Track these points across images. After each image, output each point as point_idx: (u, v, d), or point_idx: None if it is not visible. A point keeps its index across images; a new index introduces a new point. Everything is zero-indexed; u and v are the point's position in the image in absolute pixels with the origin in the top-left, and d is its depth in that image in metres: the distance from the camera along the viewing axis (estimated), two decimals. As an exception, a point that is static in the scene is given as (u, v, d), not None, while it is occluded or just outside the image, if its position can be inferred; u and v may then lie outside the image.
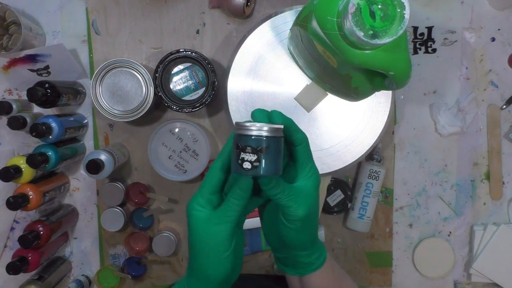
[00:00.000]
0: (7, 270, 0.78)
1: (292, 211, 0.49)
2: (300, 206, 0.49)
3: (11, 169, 0.78)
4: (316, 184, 0.51)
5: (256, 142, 0.44)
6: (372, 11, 0.54)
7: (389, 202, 0.94)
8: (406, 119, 0.92)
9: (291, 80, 0.80)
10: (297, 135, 0.50)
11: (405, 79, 0.63)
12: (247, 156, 0.44)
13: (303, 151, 0.51)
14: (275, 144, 0.45)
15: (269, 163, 0.45)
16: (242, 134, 0.45)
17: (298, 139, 0.50)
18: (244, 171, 0.45)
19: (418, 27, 0.91)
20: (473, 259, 0.93)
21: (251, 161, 0.44)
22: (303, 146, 0.50)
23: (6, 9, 0.82)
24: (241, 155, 0.45)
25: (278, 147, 0.46)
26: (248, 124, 0.45)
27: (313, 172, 0.51)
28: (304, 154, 0.51)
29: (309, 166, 0.51)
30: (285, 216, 0.50)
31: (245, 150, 0.45)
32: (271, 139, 0.45)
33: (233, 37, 0.90)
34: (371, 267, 0.95)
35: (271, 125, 0.45)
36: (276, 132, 0.46)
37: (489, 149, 0.93)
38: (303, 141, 0.50)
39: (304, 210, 0.49)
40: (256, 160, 0.44)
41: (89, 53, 0.91)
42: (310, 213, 0.50)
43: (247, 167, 0.45)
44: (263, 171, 0.45)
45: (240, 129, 0.45)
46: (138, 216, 0.91)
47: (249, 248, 0.92)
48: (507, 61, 0.92)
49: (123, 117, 0.82)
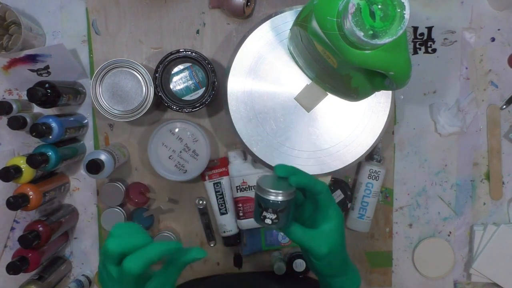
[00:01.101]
0: (7, 270, 0.78)
1: (316, 251, 0.57)
2: (323, 246, 0.57)
3: (11, 169, 0.78)
4: (338, 224, 0.58)
5: (276, 205, 0.55)
6: (372, 11, 0.54)
7: (389, 202, 0.94)
8: (406, 119, 0.92)
9: (291, 80, 0.80)
10: (317, 187, 0.56)
11: (405, 79, 0.63)
12: (269, 214, 0.55)
13: (324, 198, 0.57)
14: (290, 204, 0.55)
15: (285, 218, 0.56)
16: (264, 197, 0.55)
17: (318, 190, 0.57)
18: (266, 225, 0.56)
19: (418, 27, 0.91)
20: (473, 259, 0.93)
21: (272, 219, 0.55)
22: (323, 194, 0.57)
23: (6, 9, 0.82)
24: (263, 213, 0.55)
25: (292, 205, 0.56)
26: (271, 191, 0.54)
27: (336, 215, 0.58)
28: (325, 200, 0.57)
29: (331, 210, 0.58)
30: (311, 255, 0.58)
31: (267, 210, 0.55)
32: (287, 201, 0.55)
33: (233, 37, 0.90)
34: (371, 267, 0.95)
35: (288, 191, 0.55)
36: (291, 195, 0.55)
37: (489, 149, 0.93)
38: (323, 190, 0.57)
39: (326, 249, 0.57)
40: (275, 218, 0.55)
41: (89, 53, 0.91)
42: (333, 250, 0.57)
43: (268, 222, 0.55)
44: (281, 225, 0.56)
45: (263, 193, 0.55)
46: (138, 216, 0.91)
47: (249, 248, 0.92)
48: (507, 61, 0.92)
49: (123, 117, 0.82)
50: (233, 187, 0.88)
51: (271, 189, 0.55)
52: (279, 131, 0.80)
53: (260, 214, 0.56)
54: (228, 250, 0.94)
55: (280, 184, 0.57)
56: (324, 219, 0.58)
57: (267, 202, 0.55)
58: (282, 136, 0.80)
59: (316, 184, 0.56)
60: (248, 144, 0.81)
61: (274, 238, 0.91)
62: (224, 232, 0.91)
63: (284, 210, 0.55)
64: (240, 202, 0.88)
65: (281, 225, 0.56)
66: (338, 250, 0.58)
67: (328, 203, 0.58)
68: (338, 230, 0.58)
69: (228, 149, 0.91)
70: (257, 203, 0.56)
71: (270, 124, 0.80)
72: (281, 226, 0.56)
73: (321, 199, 0.57)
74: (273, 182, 0.57)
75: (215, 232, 0.94)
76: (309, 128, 0.81)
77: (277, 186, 0.56)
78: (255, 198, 0.56)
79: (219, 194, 0.90)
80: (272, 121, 0.80)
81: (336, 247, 0.58)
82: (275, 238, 0.91)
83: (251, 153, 0.81)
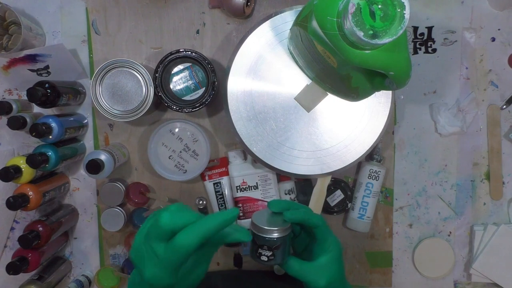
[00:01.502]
0: (7, 270, 0.78)
1: (313, 284, 0.56)
2: (320, 279, 0.56)
3: (11, 169, 0.78)
4: (335, 256, 0.57)
5: (271, 242, 0.54)
6: (372, 11, 0.54)
7: (389, 202, 0.94)
8: (406, 119, 0.92)
9: (291, 80, 0.80)
10: (313, 221, 0.56)
11: (405, 79, 0.63)
12: (264, 251, 0.55)
13: (321, 231, 0.57)
14: (285, 239, 0.55)
15: (281, 254, 0.55)
16: (259, 235, 0.54)
17: (315, 224, 0.56)
18: (262, 262, 0.55)
19: (418, 27, 0.91)
20: (473, 259, 0.93)
21: (267, 256, 0.55)
22: (320, 228, 0.57)
23: (6, 9, 0.82)
24: (259, 250, 0.55)
25: (287, 240, 0.56)
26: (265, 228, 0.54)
27: (334, 247, 0.58)
28: (322, 233, 0.57)
29: (328, 242, 0.57)
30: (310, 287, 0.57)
31: (263, 247, 0.55)
32: (283, 238, 0.55)
33: (233, 37, 0.90)
34: (371, 267, 0.95)
35: (283, 227, 0.54)
36: (286, 231, 0.55)
37: (489, 149, 0.93)
38: (319, 224, 0.56)
39: (324, 282, 0.56)
40: (271, 255, 0.55)
41: (89, 53, 0.91)
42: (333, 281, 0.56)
43: (264, 259, 0.55)
44: (278, 261, 0.55)
45: (258, 231, 0.54)
46: (138, 216, 0.90)
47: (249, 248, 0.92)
48: (507, 61, 0.91)
49: (123, 117, 0.82)
50: (233, 187, 0.88)
51: (265, 227, 0.54)
52: (279, 131, 0.80)
53: (256, 251, 0.55)
54: (228, 250, 0.94)
55: (275, 219, 0.56)
56: (321, 251, 0.57)
57: (262, 239, 0.54)
58: (282, 136, 0.80)
59: (311, 218, 0.56)
60: (248, 144, 0.80)
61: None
62: (224, 232, 0.91)
63: (279, 246, 0.54)
64: (240, 202, 0.88)
65: (277, 261, 0.55)
66: (337, 281, 0.57)
67: (325, 236, 0.57)
68: (336, 262, 0.57)
69: (228, 149, 0.91)
70: (253, 241, 0.55)
71: (270, 124, 0.80)
72: (278, 262, 0.55)
73: (318, 232, 0.57)
74: (268, 218, 0.56)
75: (215, 232, 0.94)
76: (309, 128, 0.80)
77: (272, 222, 0.55)
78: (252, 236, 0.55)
79: (219, 194, 0.90)
80: (272, 121, 0.80)
81: (334, 279, 0.57)
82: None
83: (251, 153, 0.81)
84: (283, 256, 0.56)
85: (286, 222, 0.56)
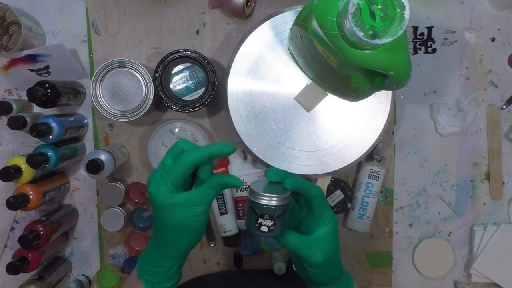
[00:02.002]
0: (7, 270, 0.78)
1: (311, 259, 0.55)
2: (318, 253, 0.55)
3: (11, 169, 0.78)
4: (332, 229, 0.56)
5: (272, 210, 0.52)
6: (372, 11, 0.54)
7: (389, 202, 0.94)
8: (406, 119, 0.92)
9: (291, 80, 0.80)
10: (312, 192, 0.55)
11: (405, 79, 0.63)
12: (265, 221, 0.52)
13: (319, 202, 0.55)
14: (286, 208, 0.53)
15: (281, 225, 0.53)
16: (260, 203, 0.52)
17: (313, 194, 0.55)
18: (262, 233, 0.53)
19: (418, 27, 0.91)
20: (473, 259, 0.93)
21: (268, 226, 0.52)
22: (318, 199, 0.55)
23: (6, 9, 0.82)
24: (259, 220, 0.52)
25: (287, 210, 0.53)
26: (267, 195, 0.52)
27: (330, 219, 0.56)
28: (320, 205, 0.55)
29: (325, 214, 0.56)
30: (306, 263, 0.56)
31: (263, 216, 0.52)
32: (284, 206, 0.52)
33: (233, 37, 0.90)
34: (371, 267, 0.95)
35: (284, 195, 0.52)
36: (287, 199, 0.53)
37: (489, 149, 0.93)
38: (318, 194, 0.55)
39: (322, 256, 0.55)
40: (272, 225, 0.52)
41: (89, 53, 0.91)
42: (329, 257, 0.55)
43: (265, 230, 0.52)
44: (278, 233, 0.53)
45: (258, 198, 0.52)
46: (138, 216, 0.91)
47: (249, 248, 0.92)
48: (507, 61, 0.92)
49: (123, 117, 0.82)
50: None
51: (266, 193, 0.52)
52: (279, 131, 0.80)
53: (256, 222, 0.52)
54: (228, 250, 0.94)
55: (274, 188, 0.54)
56: (318, 224, 0.56)
57: (261, 207, 0.52)
58: (282, 136, 0.80)
59: (311, 188, 0.55)
60: (248, 144, 0.80)
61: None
62: (224, 232, 0.91)
63: (281, 215, 0.52)
64: (240, 202, 0.88)
65: (277, 233, 0.53)
66: (333, 256, 0.56)
67: (323, 208, 0.56)
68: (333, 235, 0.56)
69: (228, 149, 0.91)
70: (250, 209, 0.53)
71: (270, 124, 0.80)
72: (277, 233, 0.53)
73: (316, 203, 0.55)
74: (266, 186, 0.54)
75: (215, 232, 0.94)
76: (309, 128, 0.80)
77: (272, 190, 0.53)
78: (248, 204, 0.53)
79: (219, 194, 0.90)
80: (272, 121, 0.80)
81: (332, 253, 0.56)
82: (275, 238, 0.91)
83: (251, 153, 0.81)
84: (282, 228, 0.53)
85: (285, 190, 0.53)
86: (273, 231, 0.53)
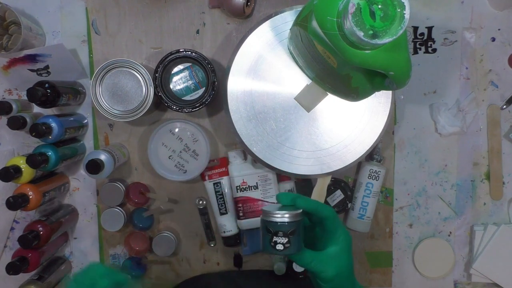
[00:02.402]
0: (7, 270, 0.78)
1: (323, 274, 0.56)
2: (330, 269, 0.56)
3: (11, 169, 0.78)
4: (345, 246, 0.58)
5: (286, 227, 0.52)
6: (372, 11, 0.54)
7: (389, 202, 0.94)
8: (406, 119, 0.92)
9: (291, 80, 0.80)
10: (325, 212, 0.56)
11: (405, 79, 0.63)
12: (280, 239, 0.52)
13: (331, 223, 0.57)
14: (299, 225, 0.53)
15: (296, 242, 0.53)
16: (274, 221, 0.52)
17: (325, 215, 0.56)
18: (278, 252, 0.53)
19: (418, 27, 0.91)
20: (473, 259, 0.93)
21: (283, 243, 0.52)
22: (331, 219, 0.57)
23: (6, 9, 0.82)
24: (273, 239, 0.52)
25: (301, 227, 0.54)
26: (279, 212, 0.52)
27: (343, 238, 0.58)
28: (332, 225, 0.57)
29: (338, 232, 0.57)
30: (318, 278, 0.57)
31: (277, 234, 0.52)
32: (297, 223, 0.53)
33: (233, 37, 0.90)
34: (371, 267, 0.95)
35: (296, 211, 0.53)
36: (300, 216, 0.54)
37: (489, 149, 0.93)
38: (330, 215, 0.56)
39: (334, 272, 0.56)
40: (287, 242, 0.52)
41: (89, 53, 0.91)
42: (341, 273, 0.57)
43: (280, 248, 0.52)
44: (293, 250, 0.53)
45: (271, 217, 0.53)
46: (138, 216, 0.90)
47: (249, 248, 0.92)
48: (507, 61, 0.91)
49: (123, 117, 0.82)
50: (233, 187, 0.88)
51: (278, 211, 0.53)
52: (279, 131, 0.80)
53: (270, 241, 0.53)
54: (228, 250, 0.94)
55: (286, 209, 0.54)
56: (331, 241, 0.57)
57: (275, 224, 0.52)
58: (282, 136, 0.80)
59: (323, 209, 0.56)
60: (248, 144, 0.80)
61: (274, 238, 0.91)
62: (224, 232, 0.91)
63: (294, 232, 0.52)
64: (240, 202, 0.88)
65: (293, 250, 0.53)
66: (345, 273, 0.57)
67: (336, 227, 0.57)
68: (346, 252, 0.58)
69: (228, 149, 0.91)
70: (264, 229, 0.53)
71: (270, 124, 0.80)
72: (294, 251, 0.53)
73: (328, 223, 0.57)
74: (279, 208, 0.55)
75: (215, 232, 0.94)
76: (309, 128, 0.80)
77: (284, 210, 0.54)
78: (262, 225, 0.54)
79: (219, 194, 0.90)
80: (272, 121, 0.80)
81: (343, 270, 0.57)
82: (275, 238, 0.91)
83: (251, 153, 0.81)
84: (298, 245, 0.53)
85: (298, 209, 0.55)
86: (289, 249, 0.53)
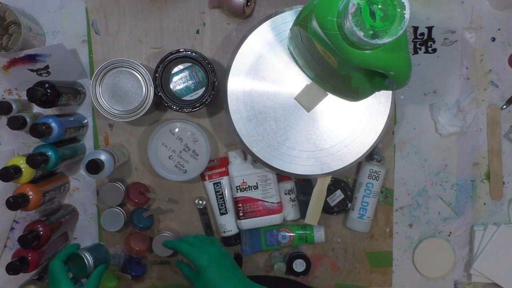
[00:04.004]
0: (7, 270, 0.78)
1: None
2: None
3: (11, 169, 0.77)
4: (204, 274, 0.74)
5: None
6: (372, 11, 0.54)
7: (389, 202, 0.94)
8: (406, 119, 0.92)
9: (291, 80, 0.80)
10: (179, 248, 0.79)
11: (405, 79, 0.63)
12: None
13: (188, 256, 0.77)
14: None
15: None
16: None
17: (180, 250, 0.78)
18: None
19: (418, 27, 0.91)
20: (473, 259, 0.93)
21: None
22: (184, 253, 0.78)
23: (6, 9, 0.82)
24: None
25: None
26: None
27: (199, 266, 0.75)
28: (189, 257, 0.76)
29: (196, 263, 0.75)
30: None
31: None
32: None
33: (233, 37, 0.90)
34: (371, 267, 0.95)
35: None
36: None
37: (489, 149, 0.93)
38: (183, 251, 0.78)
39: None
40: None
41: (89, 53, 0.91)
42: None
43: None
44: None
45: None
46: (138, 216, 0.90)
47: (249, 248, 0.92)
48: (507, 61, 0.92)
49: (123, 117, 0.82)
50: (233, 187, 0.88)
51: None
52: (279, 131, 0.80)
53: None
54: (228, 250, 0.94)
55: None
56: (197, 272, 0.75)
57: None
58: (282, 136, 0.80)
59: (178, 247, 0.78)
60: (248, 144, 0.80)
61: (274, 238, 0.91)
62: (224, 232, 0.91)
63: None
64: (240, 202, 0.88)
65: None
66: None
67: (192, 260, 0.75)
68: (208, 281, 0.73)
69: (228, 149, 0.91)
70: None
71: (270, 124, 0.80)
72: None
73: (186, 257, 0.76)
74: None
75: (215, 232, 0.94)
76: (309, 128, 0.80)
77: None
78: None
79: (219, 194, 0.90)
80: (272, 121, 0.80)
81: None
82: (275, 238, 0.91)
83: (251, 153, 0.81)
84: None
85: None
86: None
